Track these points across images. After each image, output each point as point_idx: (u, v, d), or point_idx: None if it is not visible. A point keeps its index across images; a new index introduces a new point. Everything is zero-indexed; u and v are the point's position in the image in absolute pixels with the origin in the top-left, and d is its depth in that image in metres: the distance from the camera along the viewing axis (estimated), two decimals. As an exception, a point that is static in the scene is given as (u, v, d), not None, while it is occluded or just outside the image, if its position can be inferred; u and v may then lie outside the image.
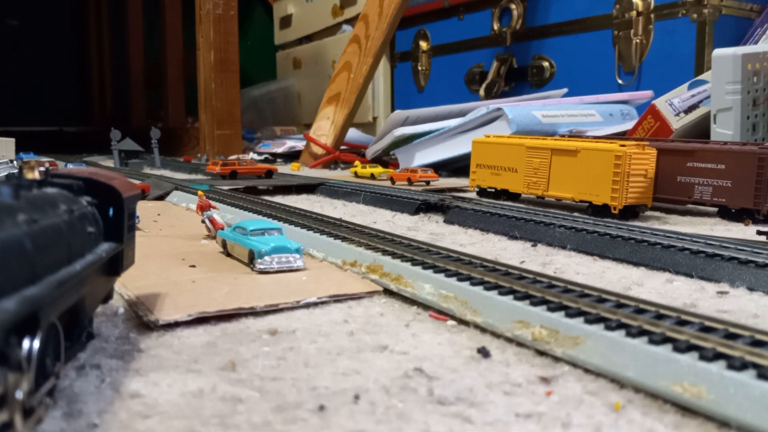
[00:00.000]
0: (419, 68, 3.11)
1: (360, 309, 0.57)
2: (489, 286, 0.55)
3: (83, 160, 2.62)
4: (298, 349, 0.46)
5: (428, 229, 0.99)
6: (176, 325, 0.51)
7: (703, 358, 0.38)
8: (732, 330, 0.42)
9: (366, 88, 2.46)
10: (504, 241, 0.89)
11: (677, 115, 1.45)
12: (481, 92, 2.63)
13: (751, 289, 0.62)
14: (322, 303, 0.58)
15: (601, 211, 1.07)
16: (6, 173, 1.30)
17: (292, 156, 2.69)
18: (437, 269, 0.61)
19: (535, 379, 0.41)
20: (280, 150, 2.75)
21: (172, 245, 0.83)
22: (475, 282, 0.56)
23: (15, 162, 1.52)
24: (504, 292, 0.53)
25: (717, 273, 0.66)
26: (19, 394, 0.27)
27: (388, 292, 0.62)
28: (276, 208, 1.05)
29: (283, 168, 2.15)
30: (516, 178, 1.26)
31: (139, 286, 0.59)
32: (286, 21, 4.03)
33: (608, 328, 0.44)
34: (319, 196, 1.44)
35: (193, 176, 1.90)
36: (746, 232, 0.94)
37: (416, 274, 0.61)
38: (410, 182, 1.57)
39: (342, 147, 2.47)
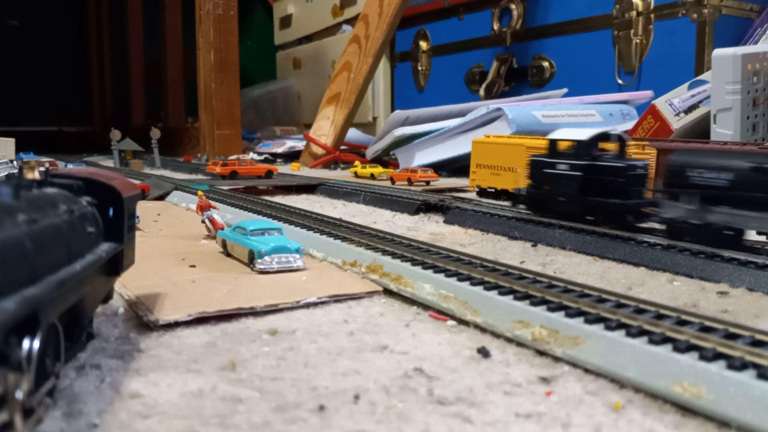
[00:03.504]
0: (419, 68, 3.11)
1: (360, 309, 0.57)
2: (489, 286, 0.55)
3: (83, 160, 2.62)
4: (298, 349, 0.46)
5: (428, 229, 0.99)
6: (176, 325, 0.51)
7: (703, 358, 0.38)
8: (732, 330, 0.42)
9: (366, 88, 2.46)
10: (504, 241, 0.89)
11: (677, 115, 1.45)
12: (481, 92, 2.63)
13: (751, 289, 0.62)
14: (322, 303, 0.58)
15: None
16: (6, 173, 1.30)
17: (292, 156, 2.69)
18: (437, 269, 0.61)
19: (535, 379, 0.41)
20: (280, 150, 2.75)
21: (172, 245, 0.83)
22: (475, 282, 0.56)
23: (15, 162, 1.52)
24: (504, 292, 0.53)
25: (717, 273, 0.66)
26: (19, 394, 0.27)
27: (388, 292, 0.62)
28: (276, 208, 1.05)
29: (283, 168, 2.15)
30: (516, 178, 1.26)
31: (139, 286, 0.59)
32: (286, 21, 4.03)
33: (608, 328, 0.44)
34: (319, 196, 1.44)
35: (193, 176, 1.90)
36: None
37: (416, 274, 0.61)
38: (410, 182, 1.57)
39: (342, 147, 2.47)
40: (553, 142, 0.92)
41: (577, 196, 0.87)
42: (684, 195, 0.75)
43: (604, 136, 0.89)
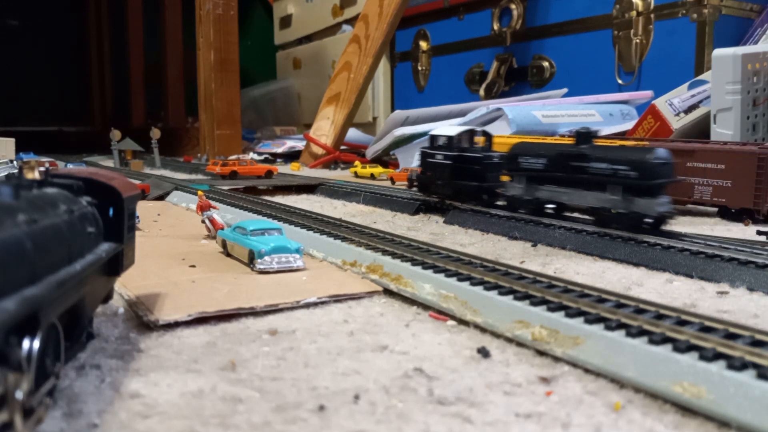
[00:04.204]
0: (419, 68, 3.11)
1: (360, 309, 0.57)
2: (489, 286, 0.55)
3: (83, 160, 2.62)
4: (298, 349, 0.46)
5: (428, 229, 0.99)
6: (176, 325, 0.51)
7: (703, 358, 0.38)
8: (732, 330, 0.42)
9: (366, 88, 2.46)
10: (504, 241, 0.89)
11: (677, 115, 1.45)
12: (481, 92, 2.63)
13: (751, 289, 0.62)
14: (322, 303, 0.58)
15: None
16: (6, 173, 1.30)
17: (292, 156, 2.69)
18: (437, 269, 0.61)
19: (535, 379, 0.41)
20: (280, 150, 2.75)
21: (172, 245, 0.83)
22: (475, 282, 0.56)
23: (15, 162, 1.52)
24: (504, 292, 0.53)
25: (717, 273, 0.66)
26: (19, 394, 0.27)
27: (388, 292, 0.62)
28: (276, 208, 1.05)
29: (283, 168, 2.15)
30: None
31: (139, 286, 0.59)
32: (286, 21, 4.03)
33: (608, 328, 0.44)
34: (319, 196, 1.44)
35: (193, 176, 1.90)
36: (746, 232, 0.94)
37: (416, 274, 0.61)
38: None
39: (342, 147, 2.47)
40: (433, 137, 1.12)
41: (449, 179, 1.07)
42: (516, 177, 0.95)
43: (472, 132, 1.09)
